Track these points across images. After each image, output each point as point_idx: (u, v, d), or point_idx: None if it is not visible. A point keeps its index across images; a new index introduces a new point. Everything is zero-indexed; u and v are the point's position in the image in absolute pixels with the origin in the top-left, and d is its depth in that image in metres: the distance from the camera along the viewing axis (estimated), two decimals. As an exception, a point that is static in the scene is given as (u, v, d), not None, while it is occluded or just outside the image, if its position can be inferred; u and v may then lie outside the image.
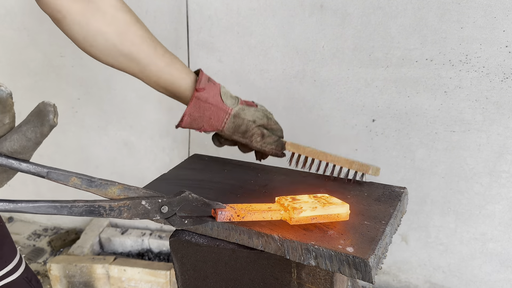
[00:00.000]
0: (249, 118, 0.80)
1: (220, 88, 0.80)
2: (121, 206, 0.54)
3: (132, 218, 0.56)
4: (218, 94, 0.79)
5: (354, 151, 1.53)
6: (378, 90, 1.42)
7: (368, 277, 0.57)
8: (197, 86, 0.77)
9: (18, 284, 1.02)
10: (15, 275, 1.01)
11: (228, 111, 0.79)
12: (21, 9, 1.76)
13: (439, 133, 1.39)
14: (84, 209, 0.51)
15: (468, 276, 1.54)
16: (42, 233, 2.20)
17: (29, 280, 1.04)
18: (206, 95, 0.77)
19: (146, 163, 1.92)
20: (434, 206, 1.50)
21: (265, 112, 0.84)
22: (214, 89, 0.79)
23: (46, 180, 0.49)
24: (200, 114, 0.79)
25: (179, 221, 0.61)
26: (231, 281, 0.75)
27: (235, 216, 0.65)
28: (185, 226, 0.62)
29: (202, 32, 1.57)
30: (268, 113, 0.85)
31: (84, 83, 1.80)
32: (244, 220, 0.66)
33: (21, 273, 1.02)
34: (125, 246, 2.01)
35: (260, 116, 0.82)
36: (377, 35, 1.35)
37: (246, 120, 0.80)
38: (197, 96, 0.77)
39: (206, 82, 0.79)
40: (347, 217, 0.67)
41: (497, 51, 1.24)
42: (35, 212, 0.46)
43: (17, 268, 1.02)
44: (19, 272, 1.02)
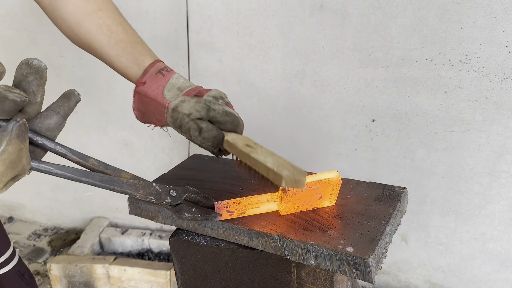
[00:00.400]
0: (185, 111, 0.70)
1: (170, 79, 0.73)
2: (136, 183, 0.57)
3: (146, 198, 0.58)
4: (162, 86, 0.73)
5: (354, 151, 1.53)
6: (378, 90, 1.42)
7: (368, 277, 0.57)
8: (139, 79, 0.74)
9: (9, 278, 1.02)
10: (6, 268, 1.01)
11: (165, 105, 0.72)
12: (21, 9, 1.76)
13: (439, 133, 1.39)
14: (105, 178, 0.54)
15: (468, 276, 1.54)
16: (42, 233, 2.20)
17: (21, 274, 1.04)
18: (146, 89, 0.73)
19: (146, 163, 1.92)
20: (434, 206, 1.50)
21: (207, 103, 0.70)
22: (159, 81, 0.73)
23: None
24: (145, 109, 0.75)
25: (187, 209, 0.62)
26: (231, 281, 0.76)
27: (231, 203, 0.68)
28: (192, 215, 0.62)
29: (202, 32, 1.57)
30: (214, 104, 0.71)
31: (84, 83, 1.80)
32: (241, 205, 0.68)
33: (13, 266, 1.02)
34: (125, 246, 2.01)
35: (198, 108, 0.70)
36: (377, 35, 1.35)
37: (181, 114, 0.71)
38: (136, 90, 0.74)
39: (153, 74, 0.73)
40: (338, 181, 0.68)
41: (497, 51, 1.24)
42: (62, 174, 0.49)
43: (9, 261, 1.02)
44: (11, 265, 1.02)
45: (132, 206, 0.81)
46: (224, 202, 0.68)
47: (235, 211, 0.68)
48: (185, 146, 1.80)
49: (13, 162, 0.41)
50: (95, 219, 2.12)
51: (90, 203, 2.13)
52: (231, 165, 0.94)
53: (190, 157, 1.01)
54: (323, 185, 0.67)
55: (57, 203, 2.19)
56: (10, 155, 0.40)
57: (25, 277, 1.06)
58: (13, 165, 0.42)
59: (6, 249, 1.02)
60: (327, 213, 0.70)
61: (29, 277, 1.08)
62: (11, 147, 0.40)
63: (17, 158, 0.42)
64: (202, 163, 0.95)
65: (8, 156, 0.40)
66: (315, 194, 0.69)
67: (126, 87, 1.78)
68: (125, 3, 1.59)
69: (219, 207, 0.68)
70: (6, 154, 0.40)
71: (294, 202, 0.69)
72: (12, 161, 0.41)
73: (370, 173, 1.54)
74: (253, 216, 0.71)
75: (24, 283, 1.05)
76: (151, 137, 1.86)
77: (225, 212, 0.68)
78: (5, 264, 1.01)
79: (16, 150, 0.41)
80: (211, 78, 1.63)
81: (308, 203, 0.71)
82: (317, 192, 0.69)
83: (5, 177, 0.41)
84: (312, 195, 0.69)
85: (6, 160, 0.40)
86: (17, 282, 1.03)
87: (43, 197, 2.20)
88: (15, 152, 0.41)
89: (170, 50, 1.65)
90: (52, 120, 0.49)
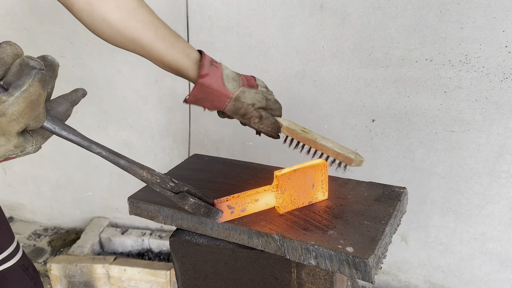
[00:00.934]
0: (249, 102, 0.83)
1: (223, 70, 0.83)
2: (142, 165, 0.59)
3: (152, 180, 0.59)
4: (221, 78, 0.81)
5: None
6: (378, 90, 1.42)
7: (368, 277, 0.57)
8: (201, 72, 0.80)
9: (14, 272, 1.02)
10: (10, 262, 1.01)
11: (229, 95, 0.82)
12: (21, 9, 1.76)
13: (439, 133, 1.39)
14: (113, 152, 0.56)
15: (467, 276, 1.54)
16: (42, 233, 2.20)
17: (25, 268, 1.04)
18: (209, 81, 0.80)
19: (146, 163, 1.91)
20: (434, 206, 1.50)
21: (264, 94, 0.86)
22: (217, 73, 0.82)
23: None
24: (204, 96, 0.82)
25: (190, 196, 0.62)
26: (231, 281, 0.76)
27: (231, 198, 0.69)
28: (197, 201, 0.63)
29: (202, 32, 1.57)
30: (268, 94, 0.87)
31: (84, 83, 1.80)
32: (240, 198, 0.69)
33: (17, 260, 1.02)
34: (125, 246, 2.01)
35: (259, 99, 0.84)
36: (377, 35, 1.35)
37: (246, 104, 0.83)
38: (200, 82, 0.80)
39: (209, 66, 0.81)
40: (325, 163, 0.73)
41: (496, 51, 1.24)
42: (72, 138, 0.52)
43: (13, 255, 1.02)
44: (15, 259, 1.02)
45: (132, 206, 0.81)
46: (224, 198, 0.69)
47: (235, 205, 0.69)
48: (185, 146, 1.80)
49: (32, 103, 0.44)
50: (95, 219, 2.12)
51: (90, 203, 2.13)
52: (231, 165, 0.94)
53: (190, 157, 1.01)
54: (312, 167, 0.71)
55: (57, 203, 2.19)
56: (31, 95, 0.43)
57: (29, 271, 1.06)
58: (32, 107, 0.44)
59: (10, 243, 1.02)
60: (327, 213, 0.70)
61: (33, 271, 1.08)
62: (33, 88, 0.43)
63: (36, 102, 0.44)
64: (202, 163, 0.96)
65: (29, 95, 0.43)
66: (307, 180, 0.71)
67: (126, 87, 1.78)
68: (125, 3, 1.59)
69: (219, 203, 0.68)
70: (27, 93, 0.43)
71: (290, 193, 0.70)
72: (32, 101, 0.44)
73: (370, 173, 1.54)
74: (253, 216, 0.71)
75: (28, 277, 1.05)
76: (151, 137, 1.86)
77: (226, 208, 0.68)
78: (10, 258, 1.01)
79: (36, 93, 0.44)
80: (211, 78, 1.63)
81: (303, 195, 0.72)
82: (309, 177, 0.71)
83: (22, 117, 0.44)
84: (305, 181, 0.71)
85: (27, 99, 0.43)
86: (21, 276, 1.03)
87: (43, 197, 2.20)
88: (35, 94, 0.44)
89: (170, 50, 1.65)
90: (61, 107, 0.52)
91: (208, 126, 1.71)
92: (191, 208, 0.62)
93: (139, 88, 1.77)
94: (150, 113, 1.81)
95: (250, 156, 1.68)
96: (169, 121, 1.80)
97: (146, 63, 1.72)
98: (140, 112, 1.82)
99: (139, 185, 0.90)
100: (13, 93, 0.42)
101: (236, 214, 0.70)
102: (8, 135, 0.44)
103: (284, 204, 0.71)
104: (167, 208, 0.76)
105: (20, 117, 0.43)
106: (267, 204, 0.72)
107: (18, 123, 0.44)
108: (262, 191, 0.71)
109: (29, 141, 0.48)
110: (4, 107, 0.42)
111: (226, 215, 0.69)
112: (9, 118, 0.43)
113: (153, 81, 1.73)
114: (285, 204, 0.71)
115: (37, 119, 0.46)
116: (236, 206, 0.69)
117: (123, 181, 2.00)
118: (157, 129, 1.83)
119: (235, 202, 0.69)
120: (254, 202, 0.70)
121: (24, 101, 0.43)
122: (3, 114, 0.42)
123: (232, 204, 0.69)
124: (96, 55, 1.72)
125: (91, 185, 2.07)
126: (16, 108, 0.43)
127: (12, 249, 1.02)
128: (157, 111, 1.79)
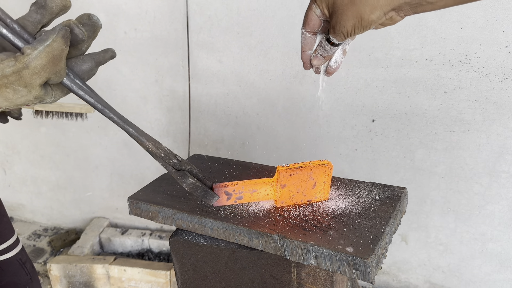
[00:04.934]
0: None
1: None
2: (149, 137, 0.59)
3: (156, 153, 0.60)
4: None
5: (354, 151, 1.54)
6: (377, 90, 1.42)
7: (368, 277, 0.57)
8: None
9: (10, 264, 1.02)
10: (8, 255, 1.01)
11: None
12: (21, 9, 1.76)
13: (439, 133, 1.39)
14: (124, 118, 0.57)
15: (467, 276, 1.54)
16: (42, 233, 2.20)
17: (23, 263, 1.05)
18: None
19: (146, 163, 1.92)
20: (434, 206, 1.50)
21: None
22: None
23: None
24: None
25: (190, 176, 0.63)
26: (231, 281, 0.76)
27: (229, 185, 0.70)
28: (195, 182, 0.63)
29: (202, 32, 1.57)
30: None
31: (84, 83, 1.79)
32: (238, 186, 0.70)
33: (15, 254, 1.03)
34: (125, 246, 2.01)
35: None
36: (377, 35, 1.35)
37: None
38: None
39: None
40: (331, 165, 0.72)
41: (496, 52, 1.24)
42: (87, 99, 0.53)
43: (12, 249, 1.02)
44: (13, 253, 1.02)
45: (132, 206, 0.81)
46: (222, 184, 0.70)
47: (232, 192, 0.70)
48: (185, 146, 1.80)
49: (55, 58, 0.45)
50: (95, 219, 2.12)
51: (90, 203, 2.13)
52: (231, 165, 0.94)
53: (190, 157, 1.01)
54: (316, 167, 0.71)
55: (57, 203, 2.19)
56: (54, 50, 0.45)
57: (26, 266, 1.06)
58: (54, 62, 0.45)
59: (10, 236, 1.03)
60: (327, 213, 0.70)
61: (31, 266, 1.08)
62: (56, 44, 0.45)
63: (58, 57, 0.46)
64: (202, 163, 0.95)
65: (52, 50, 0.44)
66: (309, 179, 0.71)
67: (126, 87, 1.78)
68: (125, 3, 1.59)
69: (217, 188, 0.69)
70: (50, 47, 0.44)
71: (290, 189, 0.71)
72: (54, 56, 0.45)
73: (370, 173, 1.54)
74: (253, 215, 0.71)
75: (24, 272, 1.05)
76: (151, 137, 1.86)
77: (223, 193, 0.70)
78: (8, 250, 1.01)
79: (59, 48, 0.45)
80: (211, 78, 1.63)
81: (302, 192, 0.72)
82: (311, 177, 0.71)
83: (44, 71, 0.45)
84: (307, 180, 0.71)
85: (50, 54, 0.44)
86: (17, 269, 1.03)
87: (43, 197, 2.20)
88: (58, 49, 0.45)
89: (170, 50, 1.65)
90: (86, 65, 0.53)
91: (208, 126, 1.71)
92: (189, 187, 0.63)
93: (139, 88, 1.77)
94: (150, 113, 1.81)
95: (250, 156, 1.68)
96: (169, 121, 1.80)
97: (146, 63, 1.73)
98: (140, 112, 1.82)
99: (139, 185, 0.90)
100: (37, 46, 0.44)
101: (232, 201, 0.71)
102: (30, 87, 0.46)
103: (282, 198, 0.72)
104: (167, 208, 0.76)
105: (42, 70, 0.45)
106: (265, 196, 0.72)
107: (40, 77, 0.45)
108: (261, 183, 0.72)
109: (49, 94, 0.50)
110: (28, 60, 0.44)
111: (222, 200, 0.70)
112: (32, 71, 0.44)
113: (153, 81, 1.73)
114: (283, 198, 0.71)
115: (58, 74, 0.47)
116: (233, 193, 0.70)
117: (123, 181, 2.00)
118: (157, 129, 1.83)
119: (232, 189, 0.70)
120: (251, 192, 0.72)
121: (47, 56, 0.44)
122: (26, 66, 0.44)
123: (230, 190, 0.70)
124: (96, 55, 1.72)
125: (91, 185, 2.07)
126: (39, 62, 0.44)
127: (11, 242, 1.02)
128: (157, 111, 1.79)
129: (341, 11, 0.54)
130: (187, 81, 1.67)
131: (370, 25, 0.54)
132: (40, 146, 2.06)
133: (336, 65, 0.68)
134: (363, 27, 0.55)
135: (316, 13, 0.60)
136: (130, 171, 1.97)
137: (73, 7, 1.82)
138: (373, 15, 0.53)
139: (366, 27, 0.55)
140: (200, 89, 1.67)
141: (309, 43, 0.65)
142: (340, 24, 0.56)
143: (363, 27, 0.55)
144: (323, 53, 0.63)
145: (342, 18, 0.55)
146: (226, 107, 1.64)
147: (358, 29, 0.55)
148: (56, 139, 2.01)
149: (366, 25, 0.54)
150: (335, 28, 0.57)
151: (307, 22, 0.62)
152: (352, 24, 0.55)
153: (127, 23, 1.63)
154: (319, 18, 0.61)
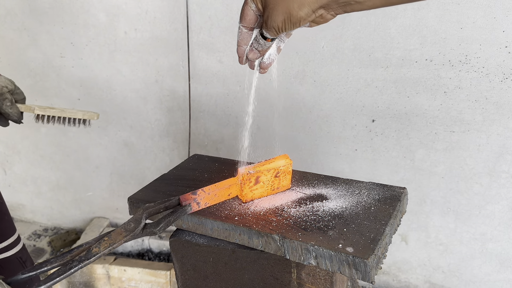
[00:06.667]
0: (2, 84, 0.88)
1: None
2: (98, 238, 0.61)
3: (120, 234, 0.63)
4: None
5: (354, 151, 1.54)
6: (377, 91, 1.42)
7: (368, 277, 0.57)
8: None
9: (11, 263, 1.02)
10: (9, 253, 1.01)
11: None
12: (21, 9, 1.76)
13: (439, 134, 1.39)
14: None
15: (467, 276, 1.54)
16: (42, 233, 2.20)
17: (23, 261, 1.05)
18: None
19: (146, 163, 1.92)
20: (434, 206, 1.50)
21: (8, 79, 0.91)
22: None
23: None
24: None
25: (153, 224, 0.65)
26: (231, 281, 0.76)
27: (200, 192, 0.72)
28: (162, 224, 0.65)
29: (202, 32, 1.57)
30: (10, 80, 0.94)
31: (84, 83, 1.80)
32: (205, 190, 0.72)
33: (15, 252, 1.03)
34: (125, 246, 2.01)
35: (9, 82, 0.91)
36: (376, 36, 1.35)
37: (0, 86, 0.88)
38: None
39: None
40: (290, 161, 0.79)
41: (496, 52, 1.24)
42: None
43: (13, 247, 1.02)
44: (14, 251, 1.02)
45: (132, 206, 0.81)
46: (188, 194, 0.72)
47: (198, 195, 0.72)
48: (185, 146, 1.80)
49: None
50: (95, 219, 2.12)
51: (90, 203, 2.13)
52: (231, 165, 0.94)
53: (190, 157, 1.01)
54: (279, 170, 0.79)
55: (57, 203, 2.19)
56: None
57: (26, 265, 1.06)
58: None
59: (11, 234, 1.03)
60: (327, 213, 0.70)
61: (31, 265, 1.08)
62: None
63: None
64: (202, 163, 0.96)
65: None
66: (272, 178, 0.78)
67: (126, 87, 1.78)
68: (125, 3, 1.59)
69: (185, 199, 0.71)
70: None
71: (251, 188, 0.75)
72: None
73: (370, 173, 1.54)
74: (253, 215, 0.71)
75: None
76: (151, 138, 1.86)
77: (191, 198, 0.71)
78: (8, 248, 1.01)
79: None
80: (211, 78, 1.63)
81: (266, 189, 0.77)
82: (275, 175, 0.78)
83: None
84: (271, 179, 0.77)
85: None
86: (17, 267, 1.03)
87: (43, 197, 2.20)
88: None
89: (170, 50, 1.65)
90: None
91: (208, 126, 1.71)
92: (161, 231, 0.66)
93: (139, 88, 1.77)
94: (150, 113, 1.81)
95: (249, 156, 1.68)
96: (169, 121, 1.80)
97: (146, 63, 1.73)
98: (140, 113, 1.82)
99: (139, 185, 0.90)
100: None
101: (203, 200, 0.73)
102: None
103: (246, 197, 0.76)
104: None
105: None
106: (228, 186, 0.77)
107: None
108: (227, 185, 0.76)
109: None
110: None
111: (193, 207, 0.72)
112: None
113: (153, 81, 1.73)
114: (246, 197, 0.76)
115: None
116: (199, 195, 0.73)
117: (123, 181, 2.00)
118: (157, 130, 1.83)
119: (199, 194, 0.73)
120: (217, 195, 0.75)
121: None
122: None
123: (197, 196, 0.72)
124: (96, 56, 1.72)
125: (91, 185, 2.07)
126: None
127: (12, 240, 1.02)
128: (157, 111, 1.79)
129: (272, 6, 0.56)
130: (187, 81, 1.67)
131: (300, 22, 0.56)
132: (40, 146, 2.06)
133: (269, 61, 0.70)
134: (293, 23, 0.56)
135: (251, 8, 0.61)
136: (130, 171, 1.97)
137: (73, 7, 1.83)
138: (302, 11, 0.54)
139: (296, 24, 0.56)
140: (200, 89, 1.67)
141: (245, 38, 0.66)
142: (271, 19, 0.57)
143: (293, 24, 0.56)
144: (258, 47, 0.66)
145: (273, 13, 0.57)
146: (226, 107, 1.64)
147: (288, 25, 0.57)
148: (56, 139, 2.01)
149: (296, 22, 0.56)
150: (267, 23, 0.59)
151: (244, 17, 0.63)
152: (282, 20, 0.56)
153: (127, 23, 1.63)
154: (255, 13, 0.62)
